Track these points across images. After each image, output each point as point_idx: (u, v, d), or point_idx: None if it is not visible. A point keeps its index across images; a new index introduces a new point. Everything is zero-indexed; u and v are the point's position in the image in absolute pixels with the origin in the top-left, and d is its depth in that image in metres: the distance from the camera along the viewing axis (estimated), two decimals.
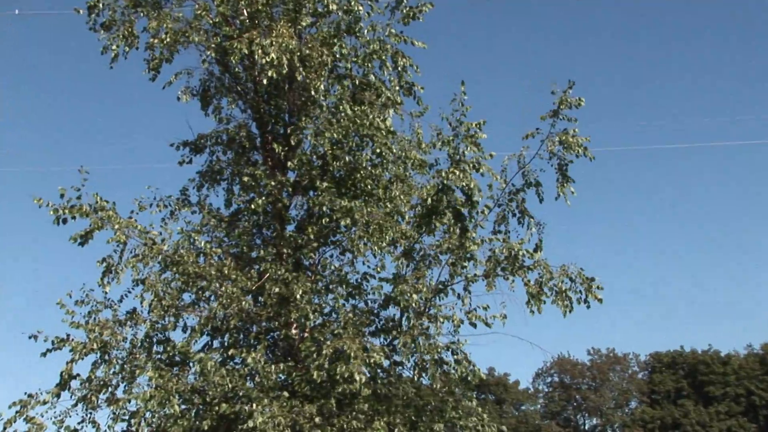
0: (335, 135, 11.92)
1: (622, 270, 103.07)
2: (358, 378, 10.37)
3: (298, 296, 11.33)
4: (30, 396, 11.24)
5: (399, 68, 12.78)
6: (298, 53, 11.66)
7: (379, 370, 11.83)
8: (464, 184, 11.53)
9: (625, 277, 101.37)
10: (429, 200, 11.73)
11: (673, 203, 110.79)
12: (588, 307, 11.82)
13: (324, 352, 10.71)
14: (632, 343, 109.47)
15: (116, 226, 11.47)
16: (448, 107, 11.87)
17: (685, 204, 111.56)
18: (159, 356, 11.56)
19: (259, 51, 11.38)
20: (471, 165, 11.71)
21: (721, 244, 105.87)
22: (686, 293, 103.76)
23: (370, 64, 12.61)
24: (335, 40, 12.29)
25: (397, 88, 12.71)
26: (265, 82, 12.00)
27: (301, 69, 11.69)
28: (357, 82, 12.59)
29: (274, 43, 11.46)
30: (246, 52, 11.48)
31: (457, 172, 11.50)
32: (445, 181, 11.44)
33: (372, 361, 10.70)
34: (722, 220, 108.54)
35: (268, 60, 11.32)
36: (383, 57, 12.59)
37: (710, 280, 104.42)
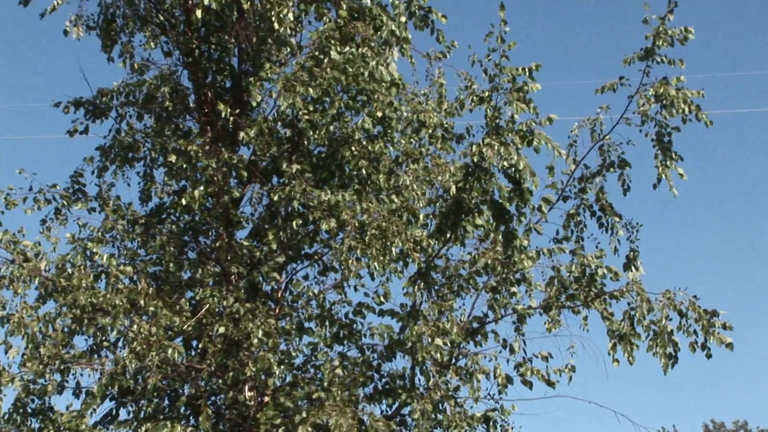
0: (313, 91, 10.89)
1: (752, 301, 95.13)
2: None
3: (254, 340, 10.55)
4: None
5: None
6: None
7: None
8: (508, 164, 10.40)
9: (758, 312, 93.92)
10: (454, 189, 10.74)
11: None
12: (708, 356, 10.75)
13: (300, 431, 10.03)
14: None
15: None
16: (479, 47, 11.16)
17: None
18: None
19: None
20: (519, 134, 10.59)
21: None
22: None
23: None
24: None
25: (403, 18, 11.65)
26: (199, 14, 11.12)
27: None
28: (345, 8, 11.47)
29: None
30: None
31: (497, 146, 10.39)
32: (474, 159, 10.41)
33: None
34: None
35: None
36: None
37: None
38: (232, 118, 11.53)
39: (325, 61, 10.99)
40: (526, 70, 10.67)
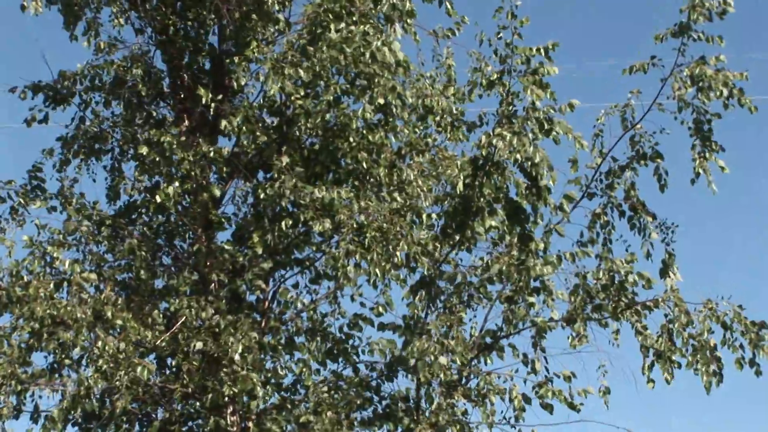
0: (304, 74, 10.80)
1: None
2: None
3: (236, 357, 10.51)
4: None
5: None
6: None
7: None
8: (521, 156, 10.31)
9: None
10: (461, 186, 10.56)
11: None
12: (758, 373, 10.55)
13: None
14: None
15: None
16: (488, 25, 10.79)
17: None
18: None
19: None
20: (536, 122, 10.44)
21: None
22: None
23: None
24: None
25: None
26: None
27: None
28: None
29: None
30: None
31: (508, 136, 10.25)
32: (483, 151, 10.33)
33: None
34: None
35: None
36: None
37: None
38: (212, 105, 11.35)
39: (321, 39, 10.86)
40: (542, 50, 10.48)
